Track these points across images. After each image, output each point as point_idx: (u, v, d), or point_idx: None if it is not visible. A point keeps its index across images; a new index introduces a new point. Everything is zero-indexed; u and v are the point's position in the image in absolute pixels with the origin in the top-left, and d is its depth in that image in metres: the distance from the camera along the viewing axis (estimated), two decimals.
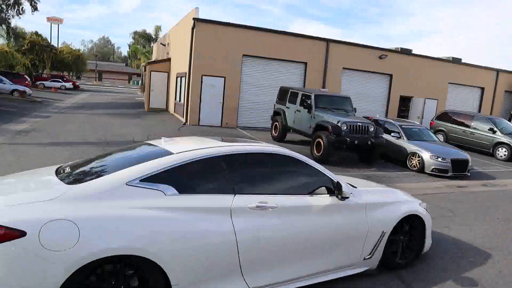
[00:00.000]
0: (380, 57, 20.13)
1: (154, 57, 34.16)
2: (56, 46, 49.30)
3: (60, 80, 42.20)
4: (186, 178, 3.13)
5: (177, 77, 19.96)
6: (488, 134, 15.68)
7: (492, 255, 5.20)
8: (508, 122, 17.37)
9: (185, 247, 2.88)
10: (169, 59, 23.17)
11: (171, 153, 3.26)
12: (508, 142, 15.02)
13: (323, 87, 18.45)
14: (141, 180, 2.93)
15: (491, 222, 6.76)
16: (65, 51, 47.78)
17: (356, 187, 4.15)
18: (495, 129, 15.56)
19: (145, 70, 26.03)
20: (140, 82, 47.15)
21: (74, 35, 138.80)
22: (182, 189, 3.03)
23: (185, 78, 17.44)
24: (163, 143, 3.66)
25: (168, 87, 22.72)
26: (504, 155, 15.06)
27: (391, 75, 20.88)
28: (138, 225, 2.72)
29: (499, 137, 15.34)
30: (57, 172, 3.34)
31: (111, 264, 2.66)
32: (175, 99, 20.21)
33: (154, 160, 3.15)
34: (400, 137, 12.04)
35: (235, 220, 3.11)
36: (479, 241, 5.68)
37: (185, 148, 3.36)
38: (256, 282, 3.27)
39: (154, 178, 2.98)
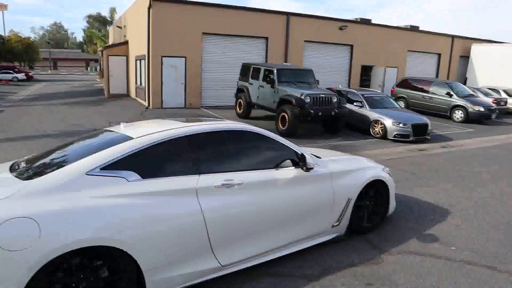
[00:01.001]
0: (341, 28, 20.25)
1: (111, 41, 32.86)
2: (3, 34, 46.49)
3: (11, 71, 39.98)
4: (148, 162, 3.08)
5: (136, 60, 19.37)
6: (446, 98, 16.28)
7: (450, 211, 5.49)
8: (464, 86, 18.07)
9: (153, 232, 2.86)
10: (126, 42, 22.38)
11: (131, 138, 3.19)
12: (464, 105, 15.67)
13: (286, 61, 18.45)
14: (101, 169, 2.86)
15: (449, 182, 7.10)
16: (13, 40, 45.18)
17: (320, 158, 4.24)
18: (452, 93, 16.16)
19: (102, 55, 25.04)
20: (98, 68, 45.45)
21: (22, 22, 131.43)
22: (145, 174, 2.99)
23: (145, 61, 16.95)
24: (122, 129, 3.57)
25: (127, 71, 22.03)
26: (461, 117, 15.72)
27: (351, 46, 21.10)
28: (102, 215, 2.67)
29: (455, 100, 15.97)
30: (12, 169, 3.20)
31: (77, 257, 2.61)
32: (136, 83, 19.66)
33: (113, 146, 3.07)
34: (362, 106, 12.29)
35: (202, 200, 3.12)
36: (439, 200, 5.97)
37: (145, 132, 3.30)
38: (228, 259, 3.31)
39: (115, 165, 2.92)
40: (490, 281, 3.64)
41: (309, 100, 10.78)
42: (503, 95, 19.33)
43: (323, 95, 11.13)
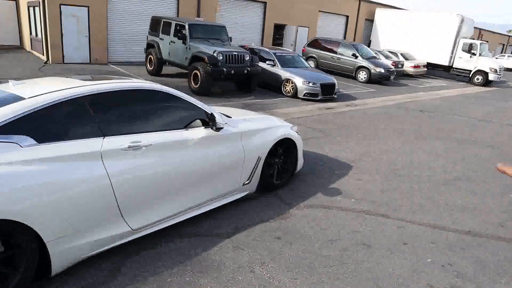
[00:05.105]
0: None
1: None
2: None
3: None
4: (44, 125, 2.79)
5: (28, 7, 17.18)
6: (351, 59, 17.21)
7: (353, 166, 5.95)
8: (368, 48, 19.20)
9: (54, 199, 2.65)
10: None
11: (22, 98, 2.85)
12: (367, 66, 16.74)
13: (198, 16, 17.79)
14: None
15: (353, 138, 7.65)
16: None
17: (231, 117, 4.23)
18: (357, 54, 17.12)
19: None
20: None
21: None
22: (41, 138, 2.71)
23: (39, 8, 15.10)
24: (12, 87, 3.17)
25: (19, 19, 19.50)
26: (364, 77, 16.83)
27: (265, 3, 20.97)
28: None
29: (360, 61, 16.97)
30: None
31: None
32: (31, 33, 17.55)
33: (0, 108, 2.72)
34: (275, 65, 12.47)
35: (107, 164, 2.95)
36: (343, 156, 6.42)
37: (39, 91, 2.97)
38: (139, 223, 3.24)
39: (3, 129, 2.60)
40: (384, 228, 4.07)
41: (221, 58, 10.61)
42: (401, 58, 21.03)
43: (236, 53, 11.03)
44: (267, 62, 12.60)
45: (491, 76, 20.60)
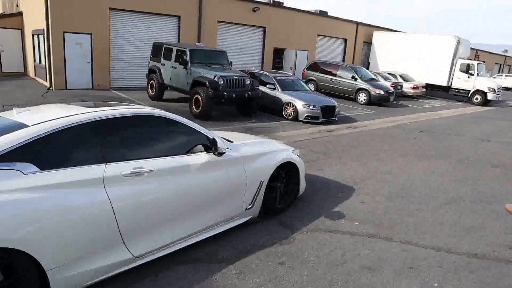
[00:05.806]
0: (253, 10, 20.35)
1: None
2: None
3: None
4: (47, 152, 2.80)
5: (33, 35, 17.50)
6: (351, 82, 17.39)
7: (355, 188, 5.92)
8: (367, 70, 19.43)
9: (56, 227, 2.64)
10: (20, 13, 20.06)
11: (25, 126, 2.88)
12: (367, 88, 16.90)
13: (198, 41, 18.11)
14: None
15: (354, 160, 7.64)
16: None
17: (232, 142, 4.25)
18: (356, 76, 17.31)
19: None
20: None
21: None
22: (44, 165, 2.72)
23: (44, 36, 15.38)
24: (15, 115, 3.20)
25: (23, 46, 19.83)
26: (364, 99, 16.96)
27: (264, 28, 21.36)
28: None
29: (360, 84, 17.15)
30: None
31: None
32: (35, 60, 17.82)
33: (4, 136, 2.74)
34: (275, 89, 12.59)
35: (109, 190, 2.94)
36: (345, 178, 6.40)
37: (42, 119, 2.99)
38: (141, 250, 3.20)
39: (6, 156, 2.61)
40: (389, 251, 4.02)
41: (222, 82, 10.73)
42: (400, 79, 21.26)
43: (237, 77, 11.15)
44: (267, 85, 12.73)
45: (490, 96, 20.76)
